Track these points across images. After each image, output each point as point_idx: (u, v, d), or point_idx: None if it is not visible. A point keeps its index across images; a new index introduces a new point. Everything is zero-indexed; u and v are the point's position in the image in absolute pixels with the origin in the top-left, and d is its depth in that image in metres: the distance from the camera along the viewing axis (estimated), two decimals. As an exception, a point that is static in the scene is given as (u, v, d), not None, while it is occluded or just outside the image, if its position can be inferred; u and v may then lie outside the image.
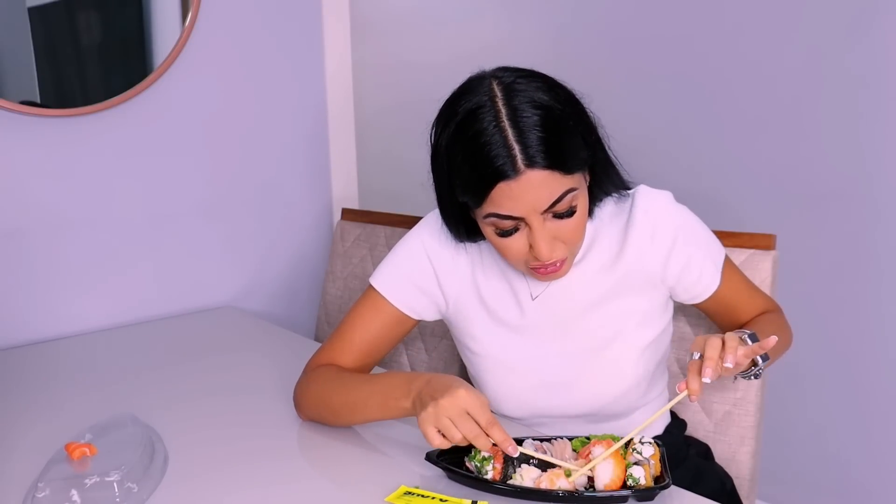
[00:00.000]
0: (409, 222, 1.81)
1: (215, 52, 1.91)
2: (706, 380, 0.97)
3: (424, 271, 1.22)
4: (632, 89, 2.41)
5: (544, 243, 1.03)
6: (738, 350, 0.99)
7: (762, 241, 1.36)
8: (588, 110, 1.08)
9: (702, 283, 1.18)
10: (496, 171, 0.98)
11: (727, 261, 1.20)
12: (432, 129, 1.09)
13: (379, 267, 1.26)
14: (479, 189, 1.01)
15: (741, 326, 1.22)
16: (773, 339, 1.01)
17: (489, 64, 1.09)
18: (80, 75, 1.77)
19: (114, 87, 1.76)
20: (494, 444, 0.99)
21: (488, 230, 1.06)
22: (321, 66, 2.09)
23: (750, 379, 1.09)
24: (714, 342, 0.99)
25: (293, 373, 1.30)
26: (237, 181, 1.99)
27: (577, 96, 1.07)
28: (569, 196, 1.02)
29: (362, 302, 1.25)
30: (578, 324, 1.17)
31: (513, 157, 0.98)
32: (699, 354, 1.00)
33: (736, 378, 1.22)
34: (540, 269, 1.07)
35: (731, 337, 1.00)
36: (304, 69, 2.07)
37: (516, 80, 1.02)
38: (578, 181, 1.04)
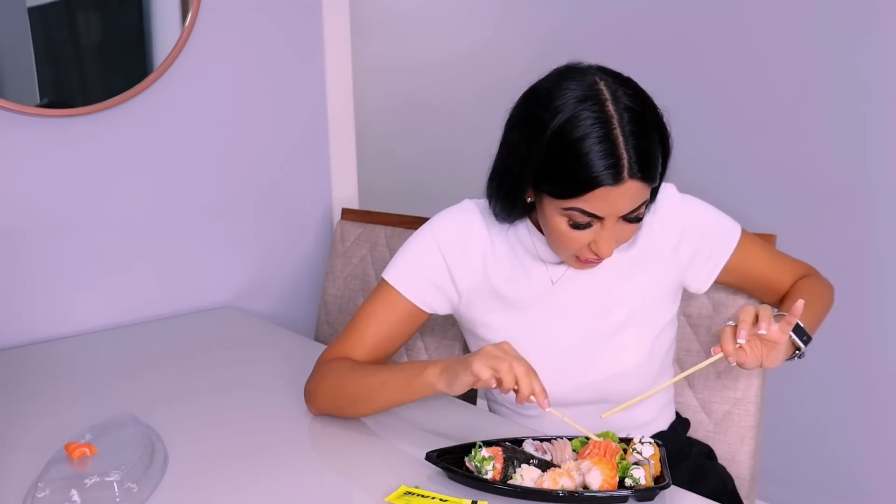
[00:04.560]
0: (408, 222, 1.81)
1: (215, 53, 1.91)
2: (741, 341, 1.03)
3: (437, 266, 1.23)
4: (632, 89, 2.40)
5: (609, 244, 1.07)
6: (771, 319, 1.03)
7: (762, 241, 1.36)
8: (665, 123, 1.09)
9: (707, 267, 1.22)
10: (601, 176, 1.01)
11: (745, 236, 1.23)
12: (519, 105, 1.10)
13: (391, 262, 1.26)
14: (577, 187, 1.02)
15: (781, 299, 1.27)
16: (801, 304, 1.05)
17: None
18: (80, 75, 1.77)
19: (114, 87, 1.76)
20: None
21: (560, 219, 1.07)
22: (321, 66, 2.09)
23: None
24: (748, 308, 1.05)
25: (294, 372, 1.31)
26: (237, 181, 1.99)
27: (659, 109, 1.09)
28: (643, 204, 1.06)
29: (375, 296, 1.26)
30: (595, 308, 1.20)
31: (620, 166, 1.00)
32: (734, 322, 1.05)
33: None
34: (587, 261, 1.11)
35: (765, 307, 1.06)
36: (304, 70, 2.07)
37: (620, 85, 1.04)
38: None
